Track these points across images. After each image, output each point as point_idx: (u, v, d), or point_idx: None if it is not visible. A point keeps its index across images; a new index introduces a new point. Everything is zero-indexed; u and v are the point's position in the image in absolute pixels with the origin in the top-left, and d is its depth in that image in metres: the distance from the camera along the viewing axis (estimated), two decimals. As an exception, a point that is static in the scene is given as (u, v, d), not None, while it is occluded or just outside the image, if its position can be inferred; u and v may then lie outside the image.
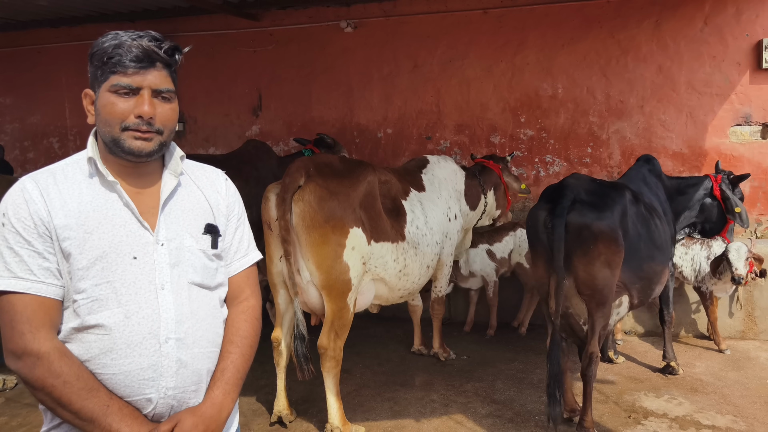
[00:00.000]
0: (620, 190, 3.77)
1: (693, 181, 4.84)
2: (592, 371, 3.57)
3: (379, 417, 4.02)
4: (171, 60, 1.57)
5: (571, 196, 3.54)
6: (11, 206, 1.50)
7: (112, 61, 1.51)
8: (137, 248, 1.55)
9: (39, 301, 1.48)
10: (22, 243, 1.48)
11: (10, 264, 1.47)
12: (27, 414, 4.13)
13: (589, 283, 3.50)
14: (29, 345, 1.45)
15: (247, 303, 1.78)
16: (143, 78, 1.52)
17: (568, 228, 3.47)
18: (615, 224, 3.52)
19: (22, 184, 1.53)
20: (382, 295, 4.13)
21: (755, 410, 3.99)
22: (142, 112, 1.52)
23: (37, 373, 1.44)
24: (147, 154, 1.55)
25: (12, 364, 1.48)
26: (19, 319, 1.46)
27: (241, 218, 1.80)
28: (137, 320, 1.52)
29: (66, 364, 1.46)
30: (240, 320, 1.74)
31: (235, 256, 1.77)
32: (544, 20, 6.26)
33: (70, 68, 7.62)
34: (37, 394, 1.47)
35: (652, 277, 3.88)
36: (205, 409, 1.57)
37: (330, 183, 3.66)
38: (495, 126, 6.50)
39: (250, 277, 1.81)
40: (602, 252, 3.46)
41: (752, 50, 5.73)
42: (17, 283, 1.46)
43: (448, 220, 4.67)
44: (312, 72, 6.99)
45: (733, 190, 4.79)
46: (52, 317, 1.49)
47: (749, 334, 5.42)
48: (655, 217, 4.01)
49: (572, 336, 3.86)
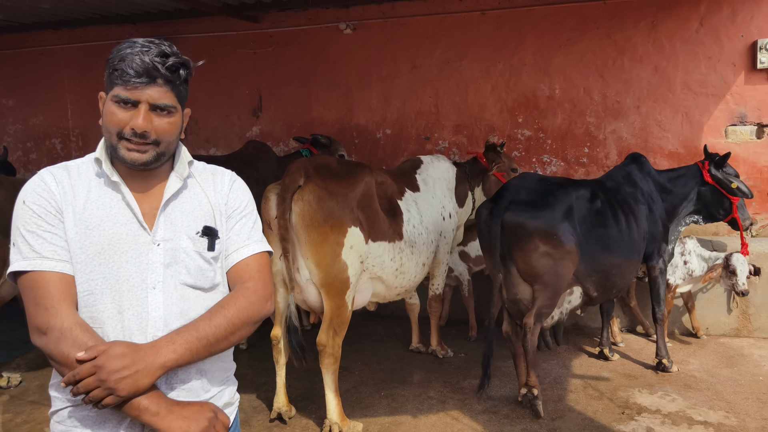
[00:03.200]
0: (566, 188, 4.08)
1: (681, 171, 4.90)
2: (528, 340, 3.92)
3: (377, 413, 4.09)
4: (173, 77, 1.60)
5: (509, 197, 3.94)
6: (30, 193, 1.59)
7: (116, 72, 1.56)
8: (134, 247, 1.61)
9: (60, 277, 1.55)
10: (44, 226, 1.56)
11: (34, 246, 1.54)
12: (31, 411, 4.20)
13: (529, 272, 3.92)
14: (53, 319, 1.51)
15: (243, 285, 1.72)
16: (141, 93, 1.56)
17: (504, 226, 3.89)
18: (554, 221, 3.88)
19: (41, 175, 1.62)
20: (380, 293, 4.21)
21: (747, 406, 4.05)
22: (136, 126, 1.56)
23: (63, 347, 1.49)
24: (141, 164, 1.60)
25: (37, 340, 1.53)
26: (43, 295, 1.52)
27: (244, 212, 1.78)
28: (128, 316, 1.58)
29: (89, 337, 1.51)
30: (228, 297, 1.69)
31: (235, 246, 1.74)
32: (542, 21, 6.31)
33: (72, 70, 7.68)
34: (64, 370, 1.50)
35: (609, 269, 4.16)
36: (142, 346, 1.52)
37: (329, 183, 3.73)
38: (493, 126, 6.55)
39: (250, 264, 1.74)
40: (539, 245, 3.84)
41: (747, 51, 5.79)
42: (43, 262, 1.54)
43: (443, 219, 4.75)
44: (311, 73, 7.05)
45: (722, 169, 4.81)
46: (72, 294, 1.56)
47: (743, 331, 5.48)
48: (623, 212, 4.26)
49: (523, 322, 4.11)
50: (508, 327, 4.17)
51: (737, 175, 4.89)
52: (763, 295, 5.41)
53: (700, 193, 4.83)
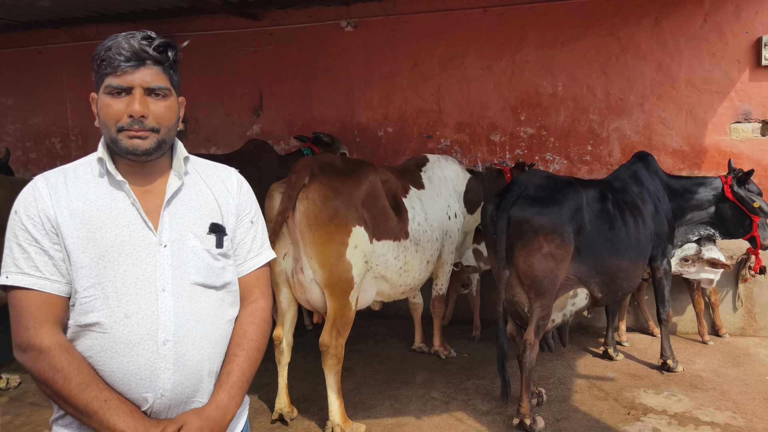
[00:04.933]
0: (576, 187, 3.93)
1: (700, 180, 4.79)
2: (526, 358, 3.73)
3: (379, 415, 4.05)
4: (162, 57, 1.57)
5: (517, 191, 3.77)
6: (22, 204, 1.55)
7: (104, 63, 1.54)
8: (140, 249, 1.56)
9: (43, 297, 1.51)
10: (30, 240, 1.52)
11: (18, 260, 1.52)
12: (30, 413, 4.16)
13: (529, 274, 3.71)
14: (32, 339, 1.49)
15: (256, 305, 1.77)
16: (133, 77, 1.54)
17: (510, 221, 3.71)
18: (560, 219, 3.71)
19: (35, 183, 1.58)
20: (384, 291, 4.17)
21: (754, 406, 4.01)
22: (133, 111, 1.53)
23: (39, 367, 1.49)
24: (143, 152, 1.56)
25: (18, 356, 1.53)
26: (24, 314, 1.50)
27: (255, 217, 1.80)
28: (137, 321, 1.54)
29: (66, 359, 1.50)
30: (248, 322, 1.74)
31: (248, 256, 1.76)
32: (544, 18, 6.27)
33: (72, 69, 7.64)
34: (40, 386, 1.52)
35: (615, 272, 4.05)
36: (210, 412, 1.58)
37: (334, 182, 3.69)
38: (495, 124, 6.51)
39: (260, 278, 1.80)
40: (543, 245, 3.66)
41: (752, 47, 5.74)
42: (23, 278, 1.51)
43: (448, 218, 4.71)
44: (313, 71, 7.01)
45: (745, 186, 4.68)
46: (55, 313, 1.53)
47: (749, 330, 5.44)
48: (631, 213, 4.15)
49: (522, 322, 4.00)
50: (512, 328, 4.08)
51: (760, 194, 4.72)
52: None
53: (719, 208, 4.70)
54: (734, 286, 5.43)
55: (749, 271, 5.18)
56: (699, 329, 5.28)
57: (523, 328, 3.93)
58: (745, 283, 5.40)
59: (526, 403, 3.73)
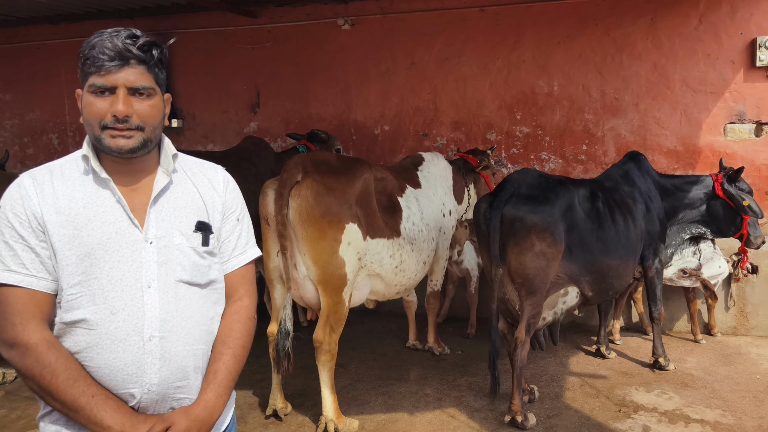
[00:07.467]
0: (567, 186, 3.96)
1: (691, 179, 4.82)
2: (518, 356, 3.77)
3: (373, 410, 4.08)
4: (146, 56, 1.56)
5: (510, 189, 3.80)
6: (8, 201, 1.55)
7: (88, 62, 1.53)
8: (125, 246, 1.57)
9: (30, 294, 1.52)
10: (17, 237, 1.53)
11: (4, 257, 1.52)
12: (26, 407, 4.19)
13: (520, 272, 3.74)
14: (19, 336, 1.50)
15: (241, 303, 1.78)
16: (117, 77, 1.53)
17: (503, 219, 3.74)
18: (552, 217, 3.74)
19: (21, 180, 1.58)
20: (379, 290, 4.19)
21: (744, 405, 4.04)
22: (116, 111, 1.53)
23: (26, 363, 1.50)
24: (128, 151, 1.56)
25: (5, 353, 1.54)
26: (11, 311, 1.51)
27: (240, 215, 1.80)
28: (122, 317, 1.55)
29: (54, 355, 1.51)
30: (233, 321, 1.75)
31: (233, 253, 1.77)
32: (541, 18, 6.29)
33: (69, 64, 7.64)
34: (27, 383, 1.53)
35: (605, 271, 4.08)
36: (198, 411, 1.60)
37: (327, 179, 3.71)
38: (491, 123, 6.54)
39: (245, 275, 1.80)
40: (534, 243, 3.69)
41: (746, 48, 5.77)
42: (10, 275, 1.51)
43: (443, 216, 4.74)
44: (310, 69, 7.02)
45: (736, 184, 4.71)
46: (42, 310, 1.54)
47: (741, 329, 5.48)
48: (621, 213, 4.18)
49: (513, 320, 4.03)
50: (504, 326, 4.11)
51: (751, 192, 4.76)
52: (761, 293, 5.41)
53: (710, 206, 4.73)
54: (727, 285, 5.47)
55: (740, 271, 5.22)
56: (692, 328, 5.34)
57: (514, 326, 3.97)
58: (737, 283, 5.44)
59: (518, 401, 3.77)
